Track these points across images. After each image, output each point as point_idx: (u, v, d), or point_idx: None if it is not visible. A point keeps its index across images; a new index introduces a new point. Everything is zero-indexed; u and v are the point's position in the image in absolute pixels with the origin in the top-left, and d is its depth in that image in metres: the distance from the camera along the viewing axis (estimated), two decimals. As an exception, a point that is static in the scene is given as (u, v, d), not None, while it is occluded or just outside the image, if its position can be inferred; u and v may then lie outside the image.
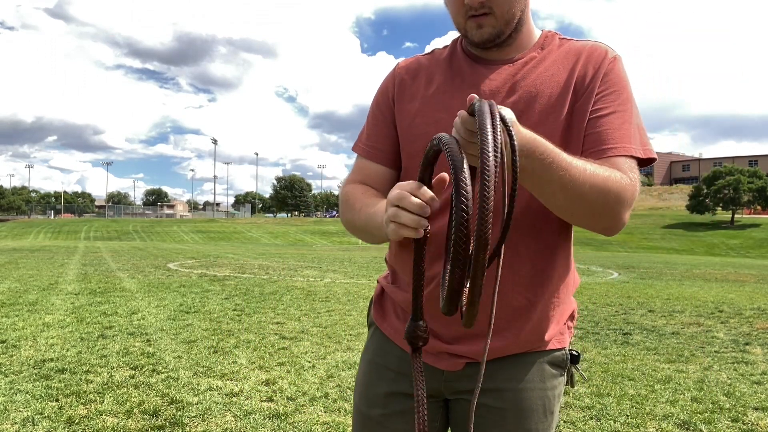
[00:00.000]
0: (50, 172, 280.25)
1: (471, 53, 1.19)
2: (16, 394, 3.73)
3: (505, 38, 1.13)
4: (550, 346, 1.19)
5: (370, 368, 1.27)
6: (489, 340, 0.82)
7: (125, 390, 3.86)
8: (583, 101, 1.11)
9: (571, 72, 1.12)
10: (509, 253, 1.05)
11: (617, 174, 1.03)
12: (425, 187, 0.87)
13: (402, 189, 0.88)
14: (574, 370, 1.24)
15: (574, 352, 1.24)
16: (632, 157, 1.07)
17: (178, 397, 3.73)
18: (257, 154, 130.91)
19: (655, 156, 1.11)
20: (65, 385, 3.93)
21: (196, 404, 3.62)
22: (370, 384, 1.26)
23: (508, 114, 0.85)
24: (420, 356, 0.90)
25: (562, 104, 1.11)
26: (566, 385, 1.25)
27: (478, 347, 1.14)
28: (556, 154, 0.95)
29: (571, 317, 1.25)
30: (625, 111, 1.10)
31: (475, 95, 0.85)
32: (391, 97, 1.23)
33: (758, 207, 59.07)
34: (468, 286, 0.76)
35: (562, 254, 1.18)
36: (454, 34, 1.24)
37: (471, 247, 0.73)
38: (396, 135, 1.22)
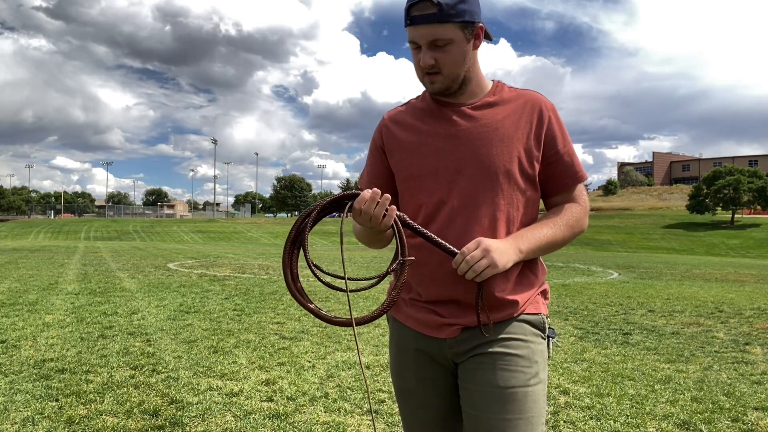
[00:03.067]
0: (50, 172, 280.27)
1: (437, 99, 1.53)
2: (16, 394, 3.73)
3: (455, 90, 1.49)
4: (526, 311, 1.49)
5: (397, 351, 1.59)
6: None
7: (125, 390, 3.86)
8: (533, 145, 1.48)
9: (520, 116, 1.49)
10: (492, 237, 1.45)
11: (574, 211, 1.52)
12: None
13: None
14: (551, 342, 1.53)
15: (551, 328, 1.55)
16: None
17: (178, 397, 3.73)
18: (257, 154, 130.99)
19: (587, 177, 1.58)
20: (65, 385, 3.93)
21: (196, 404, 3.62)
22: (399, 363, 1.58)
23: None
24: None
25: (514, 143, 1.46)
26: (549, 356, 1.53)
27: (469, 318, 1.45)
28: (537, 241, 1.45)
29: (544, 294, 1.56)
30: (570, 148, 1.53)
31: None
32: (380, 146, 1.60)
33: (758, 207, 59.02)
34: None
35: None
36: None
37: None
38: (389, 172, 1.59)
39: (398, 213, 1.37)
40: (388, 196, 1.33)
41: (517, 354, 1.43)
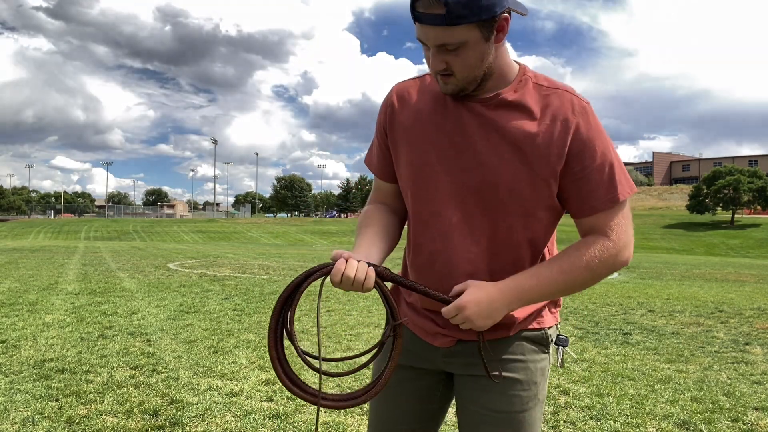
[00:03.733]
0: (50, 172, 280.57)
1: None
2: (16, 394, 3.72)
3: (474, 88, 1.27)
4: (530, 327, 1.38)
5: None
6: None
7: (125, 390, 3.86)
8: (554, 160, 1.24)
9: (541, 121, 1.25)
10: (492, 261, 1.32)
11: (598, 248, 1.26)
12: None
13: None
14: (562, 351, 1.43)
15: (561, 336, 1.44)
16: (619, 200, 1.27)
17: (178, 397, 3.73)
18: (257, 154, 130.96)
19: (636, 189, 1.31)
20: (65, 385, 3.92)
21: (196, 404, 3.62)
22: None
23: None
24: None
25: (529, 158, 1.25)
26: (558, 366, 1.44)
27: (465, 332, 1.34)
28: (537, 291, 1.26)
29: (554, 304, 1.44)
30: (605, 161, 1.25)
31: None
32: (384, 130, 1.42)
33: (758, 207, 58.99)
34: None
35: (535, 261, 1.37)
36: None
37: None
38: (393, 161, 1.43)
39: (379, 269, 1.24)
40: (363, 264, 1.21)
41: (515, 378, 1.35)
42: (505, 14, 1.18)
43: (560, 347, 1.42)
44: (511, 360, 1.36)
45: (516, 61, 1.32)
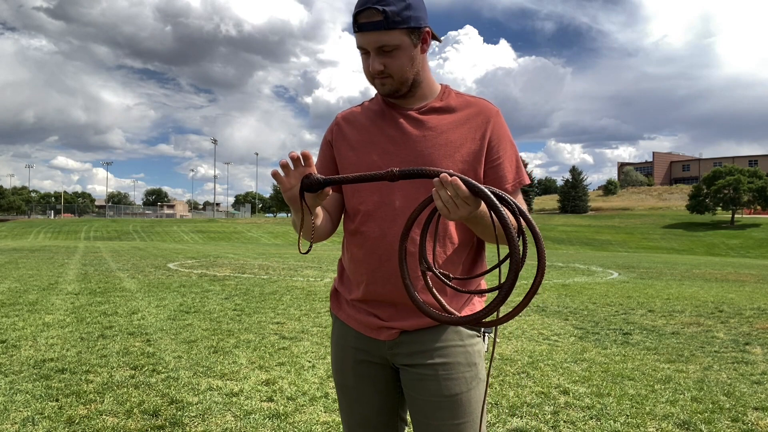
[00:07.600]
0: (51, 172, 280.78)
1: (389, 102, 1.58)
2: (16, 394, 3.72)
3: (405, 92, 1.52)
4: (463, 314, 1.51)
5: (337, 348, 1.65)
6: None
7: (125, 390, 3.86)
8: (477, 149, 1.51)
9: (464, 122, 1.53)
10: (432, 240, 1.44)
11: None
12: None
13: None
14: (488, 337, 1.58)
15: None
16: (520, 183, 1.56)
17: (178, 397, 3.73)
18: (257, 154, 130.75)
19: (528, 181, 1.57)
20: (65, 385, 3.93)
21: (196, 404, 3.62)
22: (339, 360, 1.63)
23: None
24: None
25: (458, 147, 1.50)
26: (485, 350, 1.57)
27: (407, 322, 1.51)
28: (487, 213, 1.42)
29: (480, 294, 1.56)
30: (511, 155, 1.54)
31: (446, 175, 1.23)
32: (329, 141, 1.64)
33: (758, 207, 59.01)
34: None
35: (467, 258, 1.57)
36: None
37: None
38: (337, 167, 1.62)
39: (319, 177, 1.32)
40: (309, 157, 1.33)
41: (456, 361, 1.49)
42: (428, 29, 1.48)
43: (487, 334, 1.58)
44: (451, 345, 1.51)
45: (441, 84, 1.60)
